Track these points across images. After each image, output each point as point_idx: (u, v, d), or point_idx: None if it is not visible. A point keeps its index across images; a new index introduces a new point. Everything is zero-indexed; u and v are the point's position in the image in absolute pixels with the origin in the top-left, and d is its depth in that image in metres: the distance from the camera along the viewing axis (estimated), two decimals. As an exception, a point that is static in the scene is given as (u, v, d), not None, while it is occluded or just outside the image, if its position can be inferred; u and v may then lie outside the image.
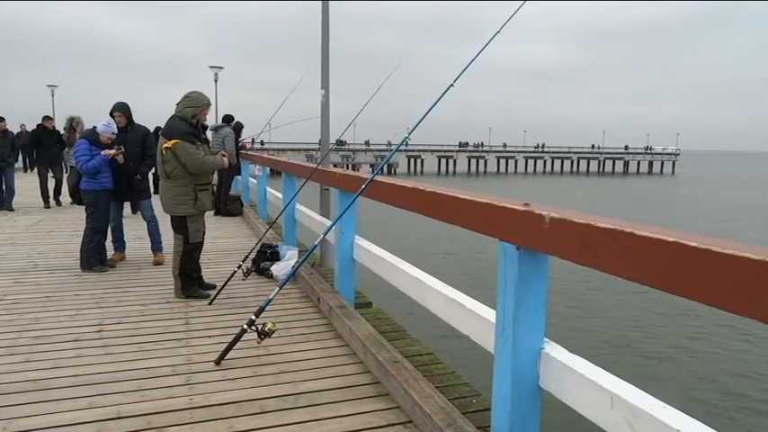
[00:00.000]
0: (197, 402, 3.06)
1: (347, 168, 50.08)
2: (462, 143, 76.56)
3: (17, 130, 17.40)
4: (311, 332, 4.25)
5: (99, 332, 4.17)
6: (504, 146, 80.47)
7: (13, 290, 5.32)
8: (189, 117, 4.95)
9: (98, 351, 3.79)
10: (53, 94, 37.16)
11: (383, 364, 3.27)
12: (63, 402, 3.03)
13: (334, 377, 3.42)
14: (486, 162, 75.10)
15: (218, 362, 3.58)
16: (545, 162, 78.82)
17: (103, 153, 5.96)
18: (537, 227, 2.08)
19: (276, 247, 6.19)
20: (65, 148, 11.73)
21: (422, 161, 70.34)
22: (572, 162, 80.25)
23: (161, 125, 5.09)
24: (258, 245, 6.17)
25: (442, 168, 71.74)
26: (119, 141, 6.13)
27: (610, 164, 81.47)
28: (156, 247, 6.64)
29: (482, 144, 78.67)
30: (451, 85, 3.84)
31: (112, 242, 6.47)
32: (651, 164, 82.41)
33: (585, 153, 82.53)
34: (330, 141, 6.93)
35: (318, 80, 6.48)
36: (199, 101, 5.04)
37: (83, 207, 6.25)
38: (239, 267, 5.42)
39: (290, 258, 5.80)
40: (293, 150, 60.66)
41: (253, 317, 3.68)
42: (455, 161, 72.98)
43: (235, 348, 3.63)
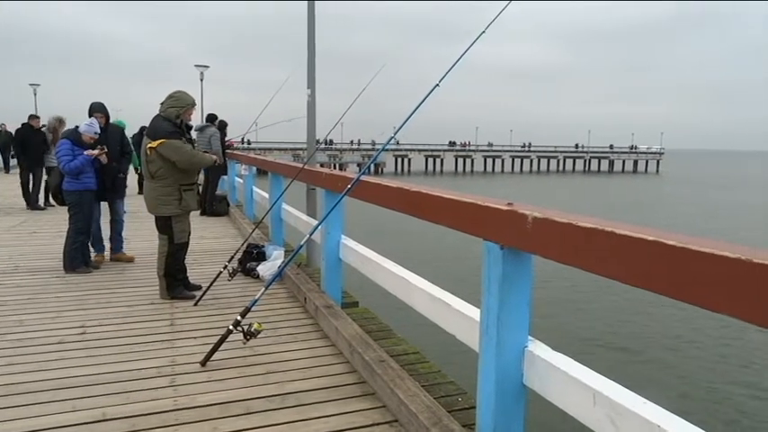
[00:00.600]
0: (182, 404, 3.05)
1: (334, 168, 50.06)
2: (452, 142, 76.81)
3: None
4: (298, 332, 4.25)
5: (82, 334, 4.14)
6: (490, 145, 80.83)
7: (-6, 292, 5.26)
8: (173, 117, 4.92)
9: (82, 353, 3.76)
10: (35, 93, 36.70)
11: (369, 363, 3.28)
12: (46, 405, 3.00)
13: (321, 377, 3.43)
14: (473, 161, 75.35)
15: (203, 363, 3.56)
16: (531, 161, 79.29)
17: (86, 153, 5.90)
18: (520, 226, 2.09)
19: (262, 247, 6.17)
20: (48, 149, 11.59)
21: (409, 160, 70.43)
22: (558, 161, 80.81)
23: (146, 125, 5.05)
24: (244, 245, 6.16)
25: (430, 167, 71.86)
26: (100, 141, 6.09)
27: (595, 163, 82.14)
28: (118, 247, 6.64)
29: (469, 143, 78.94)
30: (437, 85, 3.86)
31: (91, 244, 6.42)
32: (636, 163, 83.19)
33: (571, 152, 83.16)
34: (322, 140, 6.92)
35: (305, 80, 6.46)
36: (183, 100, 5.01)
37: (65, 208, 6.20)
38: (225, 268, 5.40)
39: (276, 258, 5.78)
40: (280, 150, 60.47)
41: (238, 317, 3.67)
42: (442, 160, 73.16)
43: (220, 349, 3.61)
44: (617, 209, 31.07)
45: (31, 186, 11.54)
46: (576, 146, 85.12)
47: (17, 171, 12.22)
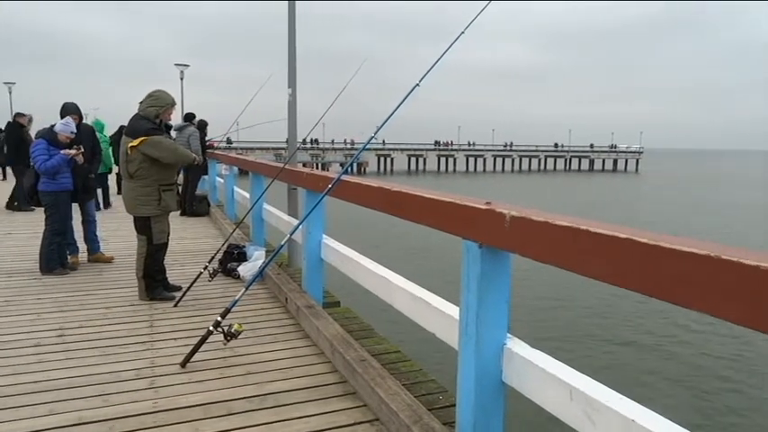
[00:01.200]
0: (161, 406, 3.02)
1: (317, 167, 49.92)
2: (437, 142, 77.13)
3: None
4: (279, 332, 4.23)
5: (60, 336, 4.08)
6: (470, 144, 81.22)
7: (-31, 295, 5.16)
8: (152, 116, 4.87)
9: (59, 356, 3.71)
10: (10, 92, 36.05)
11: (350, 363, 3.28)
12: (22, 410, 2.95)
13: (302, 377, 3.42)
14: (456, 161, 75.68)
15: (183, 364, 3.53)
16: (513, 160, 79.87)
17: (63, 153, 5.82)
18: (498, 225, 2.11)
19: (243, 247, 6.13)
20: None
21: (392, 160, 70.49)
22: (539, 160, 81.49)
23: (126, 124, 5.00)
24: (225, 245, 6.12)
25: (413, 167, 72.00)
26: (75, 141, 6.02)
27: (576, 162, 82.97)
28: (95, 247, 6.57)
29: (451, 143, 79.26)
30: (417, 84, 3.87)
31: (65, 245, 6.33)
32: (616, 162, 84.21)
33: (552, 152, 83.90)
34: (298, 140, 6.90)
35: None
36: (163, 100, 4.96)
37: (41, 208, 6.11)
38: (205, 268, 5.36)
39: (257, 259, 5.75)
40: (262, 149, 60.14)
41: (219, 318, 3.65)
42: (425, 160, 73.36)
43: (201, 350, 3.59)
44: (597, 207, 31.41)
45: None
46: (556, 145, 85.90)
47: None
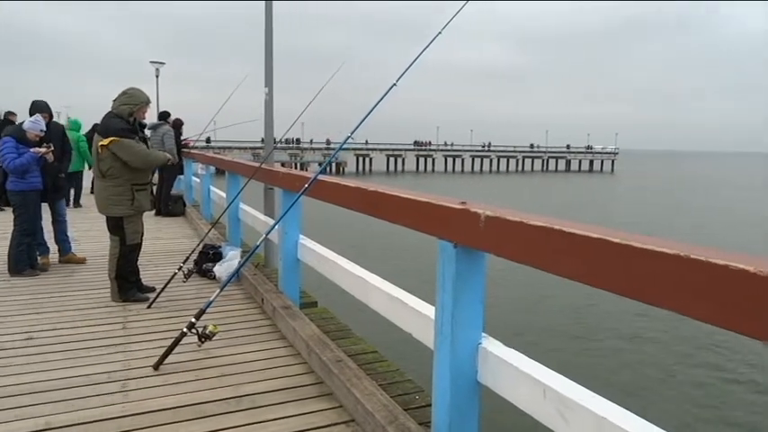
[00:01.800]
0: (132, 410, 2.96)
1: (295, 167, 49.71)
2: (418, 142, 77.37)
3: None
4: (254, 333, 4.19)
5: (29, 339, 3.98)
6: (447, 143, 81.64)
7: (-67, 297, 5.01)
8: (126, 114, 4.79)
9: (27, 360, 3.62)
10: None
11: (326, 363, 3.26)
12: (-13, 415, 2.88)
13: (277, 378, 3.39)
14: (435, 161, 75.93)
15: (156, 367, 3.48)
16: (491, 161, 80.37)
17: (32, 151, 5.69)
18: (473, 225, 2.11)
19: (219, 247, 6.06)
20: None
21: (371, 160, 70.43)
22: (517, 161, 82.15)
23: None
24: (200, 245, 6.04)
25: (391, 167, 72.03)
26: (45, 139, 5.90)
27: (553, 162, 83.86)
28: (66, 248, 6.44)
29: (430, 143, 79.52)
30: (394, 84, 3.86)
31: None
32: (592, 162, 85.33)
33: (530, 152, 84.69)
34: (280, 139, 6.85)
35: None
36: (137, 98, 4.88)
37: (11, 208, 5.96)
38: (180, 269, 5.29)
39: (232, 259, 5.68)
40: (240, 149, 59.66)
41: (193, 319, 3.60)
42: (404, 160, 73.44)
43: (174, 352, 3.53)
44: (574, 207, 31.79)
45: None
46: (531, 146, 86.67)
47: None
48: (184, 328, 3.57)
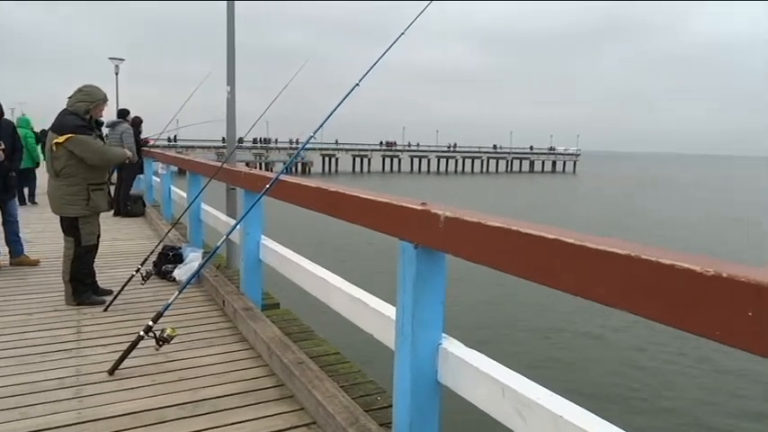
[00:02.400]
0: (87, 416, 2.87)
1: (260, 167, 49.16)
2: (388, 143, 77.56)
3: None
4: (214, 336, 4.12)
5: (-25, 345, 3.82)
6: (413, 144, 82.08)
7: None
8: (82, 112, 4.65)
9: (-27, 366, 3.47)
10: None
11: (288, 365, 3.23)
12: (-71, 425, 2.75)
13: (237, 381, 3.33)
14: (401, 161, 76.20)
15: (111, 372, 3.38)
16: (456, 161, 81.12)
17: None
18: (433, 226, 2.12)
19: (179, 248, 5.94)
20: None
21: (336, 160, 70.24)
22: (482, 162, 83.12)
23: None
24: (159, 246, 5.91)
25: (357, 167, 71.97)
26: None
27: (517, 163, 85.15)
28: (18, 249, 6.23)
29: (395, 143, 79.77)
30: (357, 84, 3.85)
31: None
32: (554, 163, 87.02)
33: (494, 153, 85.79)
34: (241, 139, 6.75)
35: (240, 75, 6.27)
36: (94, 95, 4.74)
37: None
38: (138, 271, 5.15)
39: (193, 260, 5.57)
40: (203, 148, 58.74)
41: (150, 322, 3.51)
42: (370, 160, 73.49)
43: (131, 357, 3.44)
44: (538, 208, 32.32)
45: None
46: (494, 146, 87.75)
47: None
48: (141, 332, 3.48)
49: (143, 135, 11.19)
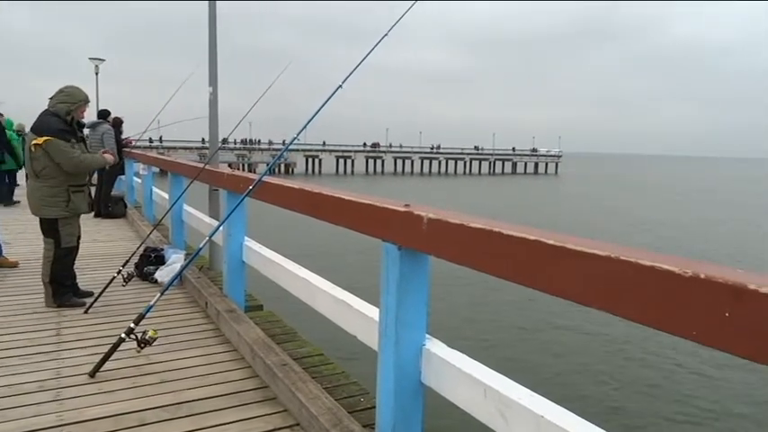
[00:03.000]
0: (67, 419, 2.84)
1: (243, 168, 48.86)
2: (374, 144, 77.65)
3: None
4: (197, 338, 4.09)
5: (-49, 348, 3.75)
6: (393, 145, 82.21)
7: None
8: (63, 113, 4.59)
9: (-51, 370, 3.41)
10: None
11: (271, 367, 3.22)
12: None
13: (220, 384, 3.31)
14: (384, 162, 76.21)
15: (92, 374, 3.34)
16: (440, 163, 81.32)
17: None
18: (416, 227, 2.13)
19: (161, 250, 5.89)
20: None
21: (320, 161, 70.04)
22: (465, 163, 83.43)
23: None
24: (141, 248, 5.85)
25: (341, 169, 71.85)
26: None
27: (499, 165, 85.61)
28: None
29: (378, 144, 79.77)
30: (340, 86, 3.84)
31: None
32: (537, 165, 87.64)
33: (477, 154, 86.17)
34: (224, 139, 6.71)
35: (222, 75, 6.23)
36: (75, 96, 4.69)
37: None
38: (119, 272, 5.10)
39: (175, 262, 5.53)
40: (185, 149, 58.22)
41: (132, 324, 3.48)
42: (353, 161, 73.39)
43: (112, 359, 3.41)
44: (523, 208, 32.54)
45: None
46: (476, 148, 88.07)
47: None
48: (122, 334, 3.45)
49: (123, 135, 11.07)
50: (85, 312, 4.57)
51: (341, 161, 72.55)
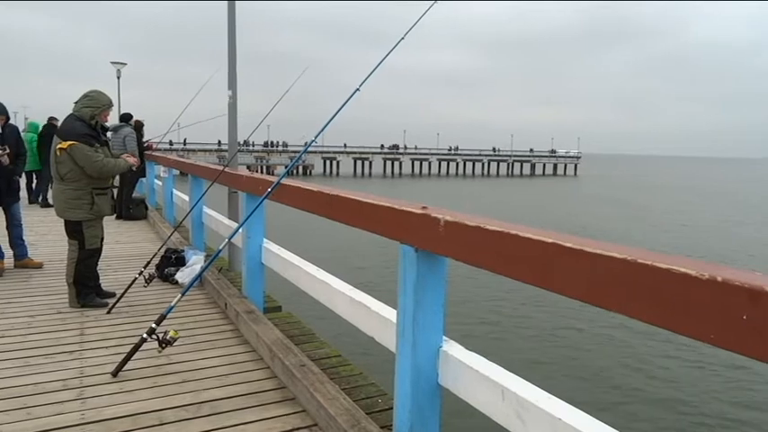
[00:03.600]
0: (89, 417, 2.90)
1: (261, 171, 49.29)
2: (393, 145, 77.80)
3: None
4: (217, 339, 4.14)
5: (-22, 347, 3.85)
6: (409, 147, 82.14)
7: None
8: (87, 117, 4.69)
9: (-23, 368, 3.50)
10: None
11: (289, 368, 3.25)
12: (-66, 426, 2.78)
13: (239, 384, 3.35)
14: (402, 164, 76.21)
15: (114, 374, 3.40)
16: (457, 164, 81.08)
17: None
18: (433, 230, 2.14)
19: (182, 251, 5.97)
20: None
21: (338, 163, 70.29)
22: (483, 164, 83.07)
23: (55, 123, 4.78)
24: (162, 249, 5.93)
25: (358, 170, 72.00)
26: (1, 141, 5.73)
27: (518, 166, 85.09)
28: (22, 252, 6.25)
29: (397, 146, 79.79)
30: (357, 89, 3.87)
31: None
32: (555, 166, 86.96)
33: (495, 156, 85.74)
34: (244, 142, 6.78)
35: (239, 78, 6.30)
36: (99, 101, 4.78)
37: None
38: (141, 274, 5.18)
39: (195, 263, 5.60)
40: (204, 151, 58.85)
41: (153, 325, 3.54)
42: (371, 163, 73.51)
43: (134, 359, 3.47)
44: (545, 211, 32.30)
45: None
46: (494, 149, 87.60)
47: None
48: (144, 334, 3.50)
49: (144, 138, 11.23)
50: (108, 313, 4.66)
51: (358, 163, 72.72)
